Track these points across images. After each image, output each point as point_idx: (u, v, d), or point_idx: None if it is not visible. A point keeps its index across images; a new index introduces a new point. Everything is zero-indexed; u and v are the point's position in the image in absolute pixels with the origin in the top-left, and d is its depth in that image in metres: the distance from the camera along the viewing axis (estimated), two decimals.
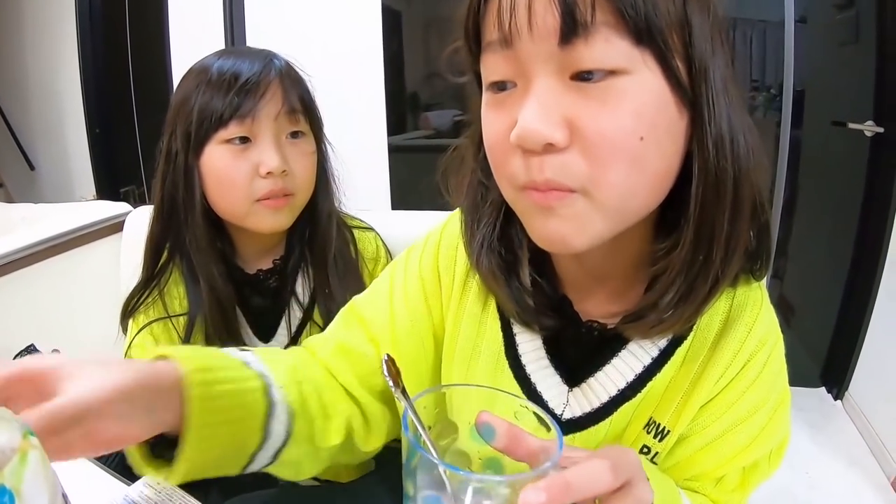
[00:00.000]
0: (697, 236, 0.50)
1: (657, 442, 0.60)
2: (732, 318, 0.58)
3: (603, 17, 0.43)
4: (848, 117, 2.17)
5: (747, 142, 0.50)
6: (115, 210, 1.48)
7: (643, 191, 0.49)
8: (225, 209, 0.87)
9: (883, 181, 2.09)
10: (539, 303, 0.61)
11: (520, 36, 0.45)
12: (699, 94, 0.47)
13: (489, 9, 0.48)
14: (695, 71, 0.47)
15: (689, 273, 0.51)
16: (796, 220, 2.34)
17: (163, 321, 0.91)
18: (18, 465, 0.31)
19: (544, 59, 0.45)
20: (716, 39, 0.48)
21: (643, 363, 0.60)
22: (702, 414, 0.59)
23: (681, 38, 0.46)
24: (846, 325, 2.30)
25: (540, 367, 0.63)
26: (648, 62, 0.45)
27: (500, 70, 0.49)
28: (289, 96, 0.85)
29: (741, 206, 0.50)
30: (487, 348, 0.65)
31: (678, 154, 0.49)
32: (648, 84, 0.45)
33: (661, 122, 0.46)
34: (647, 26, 0.44)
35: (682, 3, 0.45)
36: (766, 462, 0.63)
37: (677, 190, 0.51)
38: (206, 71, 0.83)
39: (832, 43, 2.29)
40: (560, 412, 0.63)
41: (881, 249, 2.10)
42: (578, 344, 0.62)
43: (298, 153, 0.87)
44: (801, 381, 2.43)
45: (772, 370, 0.60)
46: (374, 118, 2.23)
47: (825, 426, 2.23)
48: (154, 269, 0.91)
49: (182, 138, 0.84)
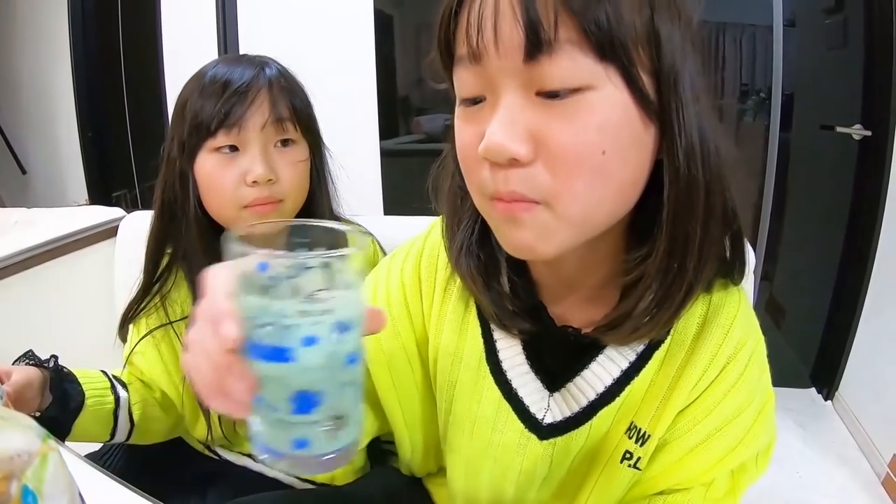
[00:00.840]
0: (671, 244, 0.51)
1: (639, 447, 0.61)
2: (709, 321, 0.59)
3: (566, 34, 0.44)
4: (836, 121, 2.20)
5: (718, 149, 0.51)
6: (108, 215, 1.48)
7: (607, 201, 0.50)
8: (215, 213, 0.88)
9: (871, 184, 2.11)
10: (517, 307, 0.62)
11: (487, 52, 0.47)
12: (667, 106, 0.48)
13: (459, 24, 0.49)
14: (663, 83, 0.48)
15: (663, 280, 0.53)
16: (786, 222, 2.36)
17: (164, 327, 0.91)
18: (39, 467, 0.33)
19: (510, 74, 0.47)
20: (686, 48, 0.49)
21: (621, 368, 0.61)
22: (685, 418, 0.60)
23: (647, 52, 0.47)
24: (835, 326, 2.33)
25: (520, 372, 0.64)
26: (613, 77, 0.46)
27: (471, 86, 0.50)
28: (276, 105, 0.86)
29: (713, 213, 0.51)
30: (469, 353, 0.66)
31: (645, 164, 0.50)
32: (612, 99, 0.46)
33: (625, 135, 0.47)
34: (610, 42, 0.44)
35: (649, 16, 0.46)
36: (754, 465, 0.63)
37: (648, 197, 0.52)
38: (201, 77, 0.85)
39: (821, 47, 2.32)
40: (541, 417, 0.64)
41: (869, 251, 2.13)
42: (557, 349, 0.63)
43: (287, 161, 0.88)
44: (791, 381, 2.45)
45: (753, 372, 0.60)
46: (366, 122, 2.23)
47: (815, 427, 2.25)
48: (155, 273, 0.92)
49: (178, 145, 0.85)
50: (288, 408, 0.36)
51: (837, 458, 2.07)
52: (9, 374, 0.77)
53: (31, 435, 0.34)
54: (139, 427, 0.94)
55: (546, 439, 0.63)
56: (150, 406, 0.95)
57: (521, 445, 0.64)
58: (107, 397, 0.90)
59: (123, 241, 1.33)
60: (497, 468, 0.66)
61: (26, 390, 0.78)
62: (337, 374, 0.38)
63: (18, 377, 0.77)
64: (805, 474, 2.00)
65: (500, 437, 0.65)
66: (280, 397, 0.36)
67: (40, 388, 0.81)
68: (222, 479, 0.99)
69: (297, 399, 0.36)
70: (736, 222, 0.56)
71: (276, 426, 0.37)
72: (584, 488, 0.64)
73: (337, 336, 0.37)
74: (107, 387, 0.91)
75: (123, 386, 0.94)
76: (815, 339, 2.43)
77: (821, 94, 2.32)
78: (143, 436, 0.96)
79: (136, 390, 0.94)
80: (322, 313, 0.37)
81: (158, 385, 0.94)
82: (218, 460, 1.01)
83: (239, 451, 1.00)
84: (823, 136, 2.26)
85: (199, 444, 1.02)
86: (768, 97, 2.20)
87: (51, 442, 0.35)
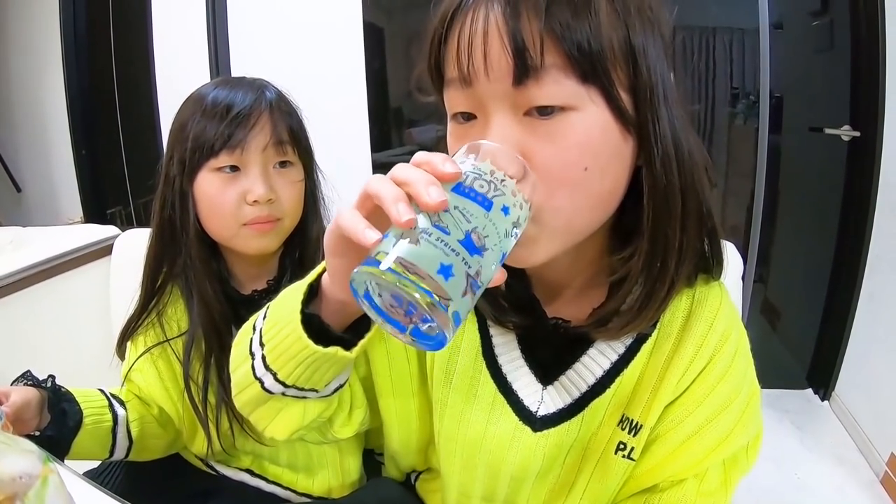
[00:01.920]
0: (653, 245, 0.55)
1: (632, 437, 0.63)
2: (693, 313, 0.62)
3: (552, 59, 0.47)
4: (825, 122, 2.22)
5: (692, 154, 0.54)
6: (103, 233, 1.49)
7: (589, 211, 0.54)
8: (215, 231, 0.89)
9: (861, 184, 2.13)
10: (511, 301, 0.65)
11: (477, 77, 0.50)
12: (644, 118, 0.51)
13: (449, 49, 0.52)
14: (640, 97, 0.51)
15: (648, 278, 0.56)
16: (778, 225, 2.37)
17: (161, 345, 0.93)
18: (41, 488, 0.34)
19: (500, 97, 0.50)
20: (661, 59, 0.52)
21: (611, 360, 0.63)
22: (677, 409, 0.62)
23: (625, 70, 0.50)
24: (830, 327, 2.34)
25: (515, 366, 0.67)
26: (594, 97, 0.49)
27: (462, 103, 0.53)
28: (277, 128, 0.88)
29: (690, 214, 0.55)
30: (466, 349, 0.68)
31: (624, 173, 0.54)
32: (594, 118, 0.49)
33: (605, 151, 0.51)
34: (591, 66, 0.48)
35: (625, 35, 0.49)
36: (745, 456, 0.65)
37: (630, 200, 0.56)
38: (202, 100, 0.87)
39: (808, 49, 2.34)
40: (535, 409, 0.65)
41: (861, 250, 2.14)
42: (549, 343, 0.66)
43: (286, 182, 0.90)
44: (787, 383, 2.46)
45: (740, 363, 0.63)
46: (357, 135, 2.25)
47: (813, 427, 2.26)
48: (153, 289, 0.93)
49: (178, 164, 0.86)
50: (457, 237, 0.41)
51: (835, 459, 2.08)
52: (7, 394, 0.78)
53: (32, 458, 0.36)
54: (137, 444, 0.94)
55: (539, 431, 0.65)
56: (148, 423, 0.96)
57: (516, 438, 0.66)
58: (105, 415, 0.91)
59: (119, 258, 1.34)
60: (492, 460, 0.67)
61: (24, 411, 0.79)
62: (502, 241, 0.44)
63: (17, 398, 0.78)
64: (803, 475, 2.00)
65: (494, 430, 0.67)
66: (458, 228, 0.41)
67: (38, 408, 0.81)
68: (220, 494, 1.00)
69: (468, 238, 0.41)
70: (711, 220, 0.59)
71: (437, 246, 0.40)
72: (579, 482, 0.67)
73: (519, 214, 0.45)
74: (105, 405, 0.92)
75: (121, 404, 0.94)
76: (811, 339, 2.44)
77: (809, 96, 2.34)
78: (142, 452, 0.96)
79: (134, 407, 0.95)
80: (514, 194, 0.45)
81: (156, 401, 0.95)
82: (215, 475, 1.01)
83: (237, 466, 1.00)
84: (813, 138, 2.28)
85: (196, 459, 1.02)
86: (757, 100, 2.22)
87: (51, 465, 0.36)
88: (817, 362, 2.44)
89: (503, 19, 0.48)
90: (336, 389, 0.63)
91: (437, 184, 0.43)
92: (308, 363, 0.55)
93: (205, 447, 0.94)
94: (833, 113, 2.20)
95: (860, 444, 2.10)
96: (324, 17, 2.21)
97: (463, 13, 0.51)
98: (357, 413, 0.73)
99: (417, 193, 0.42)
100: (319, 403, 0.63)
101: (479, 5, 0.50)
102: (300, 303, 0.55)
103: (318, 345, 0.54)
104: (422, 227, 0.41)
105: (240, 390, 0.62)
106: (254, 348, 0.59)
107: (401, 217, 0.41)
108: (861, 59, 2.11)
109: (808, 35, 2.32)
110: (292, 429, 0.64)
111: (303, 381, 0.57)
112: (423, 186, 0.42)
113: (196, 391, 0.90)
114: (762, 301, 2.56)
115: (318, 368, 0.56)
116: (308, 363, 0.55)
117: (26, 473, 0.34)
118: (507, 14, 0.48)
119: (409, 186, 0.43)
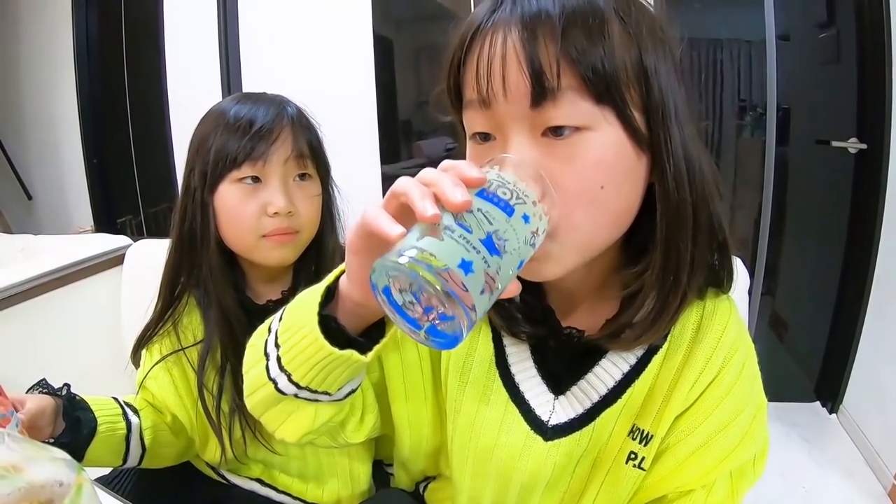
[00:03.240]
0: (665, 260, 0.56)
1: (642, 447, 0.64)
2: (703, 326, 0.64)
3: (567, 81, 0.49)
4: (831, 135, 2.22)
5: (703, 171, 0.56)
6: (115, 243, 1.50)
7: (606, 227, 0.56)
8: (234, 242, 0.91)
9: (868, 197, 2.13)
10: (525, 313, 0.66)
11: (496, 99, 0.52)
12: (657, 137, 0.53)
13: (468, 71, 0.54)
14: (652, 116, 0.53)
15: (660, 292, 0.58)
16: (786, 237, 2.37)
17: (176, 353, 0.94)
18: (75, 496, 0.35)
19: (518, 118, 0.52)
20: (672, 78, 0.54)
21: (622, 371, 0.64)
22: (686, 421, 0.63)
23: (638, 90, 0.52)
24: (838, 339, 2.33)
25: (528, 376, 0.68)
26: (608, 117, 0.51)
27: (481, 124, 0.55)
28: (298, 142, 0.90)
29: (701, 229, 0.56)
30: (479, 358, 0.69)
31: (638, 191, 0.56)
32: (609, 137, 0.51)
33: (620, 169, 0.53)
34: (606, 87, 0.50)
35: (637, 56, 0.51)
36: (752, 468, 0.66)
37: (641, 216, 0.57)
38: (223, 115, 0.89)
39: (814, 62, 2.35)
40: (547, 419, 0.67)
41: (869, 263, 2.14)
42: (562, 353, 0.67)
43: (304, 195, 0.92)
44: (795, 395, 2.45)
45: (748, 377, 0.64)
46: (367, 147, 2.26)
47: (821, 440, 2.25)
48: (171, 299, 0.95)
49: (199, 176, 0.88)
50: (478, 236, 0.42)
51: (843, 471, 2.07)
52: (23, 402, 0.79)
53: (64, 466, 0.37)
54: (150, 452, 0.95)
55: (551, 440, 0.66)
56: (161, 431, 0.97)
57: (527, 446, 0.67)
58: (118, 423, 0.92)
59: (130, 269, 1.35)
60: (503, 469, 0.68)
61: (39, 418, 0.80)
62: (521, 247, 0.45)
63: (32, 405, 0.79)
64: (811, 488, 1.99)
65: (505, 438, 0.68)
66: (480, 228, 0.43)
67: (53, 415, 0.82)
68: (230, 502, 1.01)
69: (489, 238, 0.42)
70: (722, 233, 0.60)
71: (459, 242, 0.41)
72: (589, 491, 0.67)
73: (538, 224, 0.47)
74: (118, 413, 0.93)
75: (134, 412, 0.95)
76: (819, 352, 2.43)
77: (816, 108, 2.34)
78: (154, 460, 0.97)
79: (148, 415, 0.96)
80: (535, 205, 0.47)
81: (170, 409, 0.96)
82: (226, 484, 1.02)
83: (247, 475, 1.01)
84: (820, 150, 2.28)
85: (207, 468, 1.03)
86: (765, 112, 2.23)
87: (84, 473, 0.37)
88: (825, 375, 2.43)
89: (521, 44, 0.50)
90: (348, 394, 0.64)
91: (462, 186, 0.44)
92: (323, 365, 0.56)
93: (216, 455, 0.95)
94: (840, 125, 2.21)
95: (868, 458, 2.09)
96: (333, 29, 2.24)
97: (481, 37, 0.53)
98: (369, 418, 0.74)
99: (443, 191, 0.43)
100: (331, 407, 0.64)
101: (497, 29, 0.51)
102: (318, 305, 0.56)
103: (333, 346, 0.55)
104: (445, 224, 0.42)
105: (253, 391, 0.63)
106: (269, 349, 0.60)
107: (426, 211, 0.42)
108: (867, 72, 2.12)
109: (815, 47, 2.33)
110: (302, 431, 0.64)
111: (316, 384, 0.58)
112: (450, 186, 0.43)
113: (210, 399, 0.91)
114: (770, 313, 2.55)
115: (332, 371, 0.57)
116: (323, 365, 0.56)
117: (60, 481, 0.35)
118: (524, 38, 0.50)
119: (436, 186, 0.44)
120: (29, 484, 0.34)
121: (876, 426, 2.10)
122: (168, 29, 2.42)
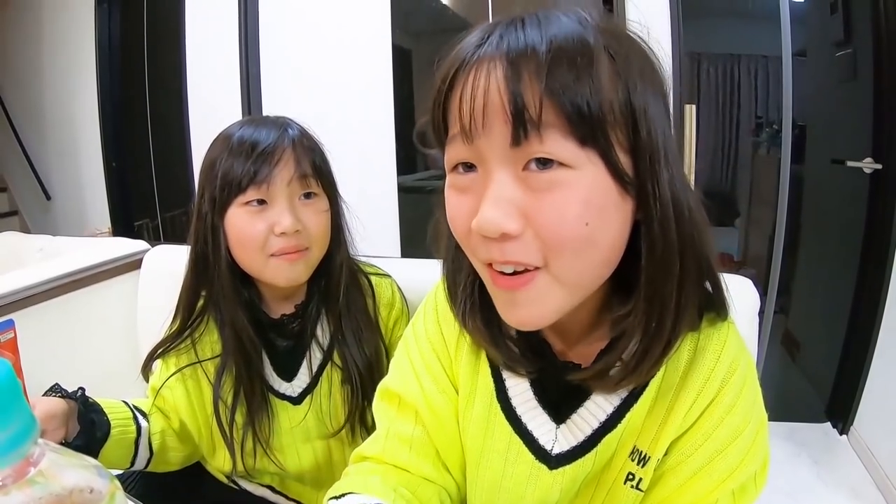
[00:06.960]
0: (648, 305, 0.55)
1: (640, 468, 0.64)
2: (700, 348, 0.63)
3: (551, 120, 0.48)
4: (847, 155, 2.21)
5: (691, 212, 0.55)
6: (133, 247, 1.51)
7: (597, 264, 0.54)
8: (245, 263, 0.93)
9: (882, 217, 2.12)
10: (523, 348, 0.66)
11: (478, 135, 0.51)
12: (643, 180, 0.52)
13: (451, 107, 0.53)
14: (639, 159, 0.51)
15: (643, 337, 0.57)
16: (799, 255, 2.36)
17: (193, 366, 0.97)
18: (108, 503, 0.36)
19: (500, 155, 0.50)
20: (662, 120, 0.53)
21: (621, 397, 0.64)
22: (685, 442, 0.63)
23: (625, 132, 0.51)
24: (850, 360, 2.31)
25: (529, 407, 0.68)
26: (593, 159, 0.50)
27: (464, 155, 0.53)
28: (301, 163, 0.92)
29: (688, 274, 0.55)
30: (481, 393, 0.70)
31: (626, 227, 0.54)
32: (592, 178, 0.50)
33: (605, 207, 0.51)
34: (591, 129, 0.48)
35: (626, 97, 0.50)
36: (753, 484, 0.65)
37: (628, 254, 0.56)
38: (228, 139, 0.91)
39: (831, 80, 2.34)
40: (550, 448, 0.67)
41: (882, 283, 2.12)
42: (560, 383, 0.66)
43: (311, 212, 0.94)
44: (806, 416, 2.43)
45: (748, 395, 0.63)
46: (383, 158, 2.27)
47: (830, 461, 2.23)
48: (189, 318, 0.97)
49: (209, 201, 0.91)
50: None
51: (852, 493, 2.05)
52: (32, 406, 0.81)
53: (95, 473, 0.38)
54: (157, 456, 0.97)
55: (555, 468, 0.67)
56: (169, 436, 0.99)
57: (533, 476, 0.67)
58: (129, 427, 0.94)
59: (148, 273, 1.36)
60: (511, 498, 0.69)
61: (48, 422, 0.81)
62: None
63: (41, 409, 0.81)
64: None
65: (512, 469, 0.68)
66: None
67: (63, 419, 0.84)
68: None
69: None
70: (712, 275, 0.60)
71: None
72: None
73: None
74: (129, 417, 0.95)
75: (144, 416, 0.97)
76: (830, 372, 2.41)
77: (831, 127, 2.33)
78: (161, 464, 0.99)
79: (157, 420, 0.98)
80: None
81: (180, 417, 0.98)
82: (237, 490, 1.04)
83: (259, 482, 1.03)
84: (835, 170, 2.27)
85: (219, 472, 1.05)
86: (780, 130, 2.22)
87: (116, 481, 0.38)
88: (837, 395, 2.40)
89: (504, 82, 0.49)
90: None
91: None
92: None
93: (224, 463, 0.96)
94: (855, 144, 2.19)
95: (877, 480, 2.07)
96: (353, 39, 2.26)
97: (465, 72, 0.51)
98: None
99: None
100: None
101: (481, 65, 0.50)
102: None
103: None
104: None
105: None
106: None
107: None
108: (884, 91, 2.10)
109: (831, 65, 2.32)
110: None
111: None
112: None
113: (224, 412, 0.93)
114: (782, 332, 2.54)
115: None
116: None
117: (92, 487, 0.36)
118: (508, 75, 0.48)
119: None
120: (62, 489, 0.35)
121: (887, 449, 2.08)
122: (189, 36, 2.46)
